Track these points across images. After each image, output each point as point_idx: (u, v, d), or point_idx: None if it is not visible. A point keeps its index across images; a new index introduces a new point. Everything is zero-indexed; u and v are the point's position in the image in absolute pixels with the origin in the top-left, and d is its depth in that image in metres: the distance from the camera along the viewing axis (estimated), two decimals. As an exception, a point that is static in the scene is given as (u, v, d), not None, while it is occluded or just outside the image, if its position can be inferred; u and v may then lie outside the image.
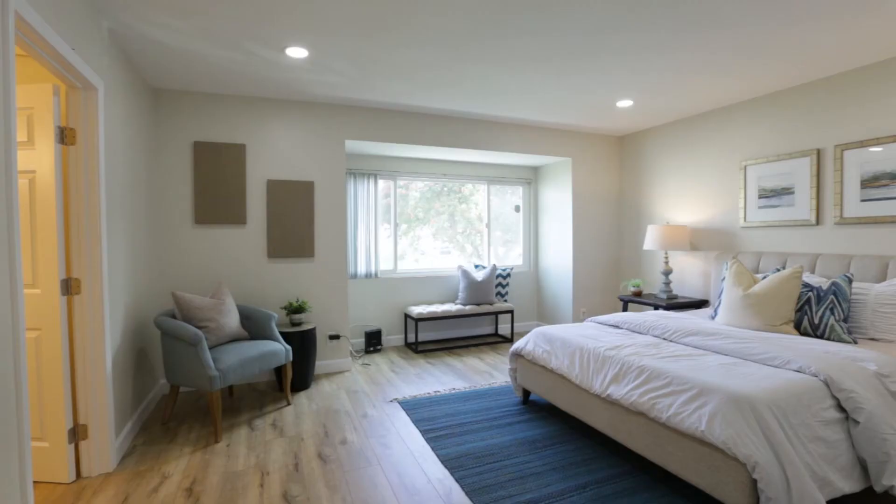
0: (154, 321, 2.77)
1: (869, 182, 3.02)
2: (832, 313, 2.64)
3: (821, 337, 2.65)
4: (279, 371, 3.43)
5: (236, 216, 3.54)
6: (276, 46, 2.70)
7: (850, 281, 2.68)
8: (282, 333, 3.43)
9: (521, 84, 3.37)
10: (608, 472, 2.23)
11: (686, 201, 4.33)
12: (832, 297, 2.67)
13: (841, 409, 1.89)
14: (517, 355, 3.18)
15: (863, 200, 3.04)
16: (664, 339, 2.72)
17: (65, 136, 2.18)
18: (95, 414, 2.27)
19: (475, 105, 3.91)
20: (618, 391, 2.26)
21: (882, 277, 2.82)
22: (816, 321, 2.69)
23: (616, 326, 3.11)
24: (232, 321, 3.03)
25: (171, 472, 2.30)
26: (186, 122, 3.45)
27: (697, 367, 2.12)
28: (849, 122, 3.11)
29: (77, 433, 2.25)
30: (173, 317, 2.91)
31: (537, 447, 2.52)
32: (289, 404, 3.20)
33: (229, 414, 3.05)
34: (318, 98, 3.70)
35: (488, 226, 5.43)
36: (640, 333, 2.87)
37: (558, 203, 5.16)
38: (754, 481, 1.66)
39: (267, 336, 3.20)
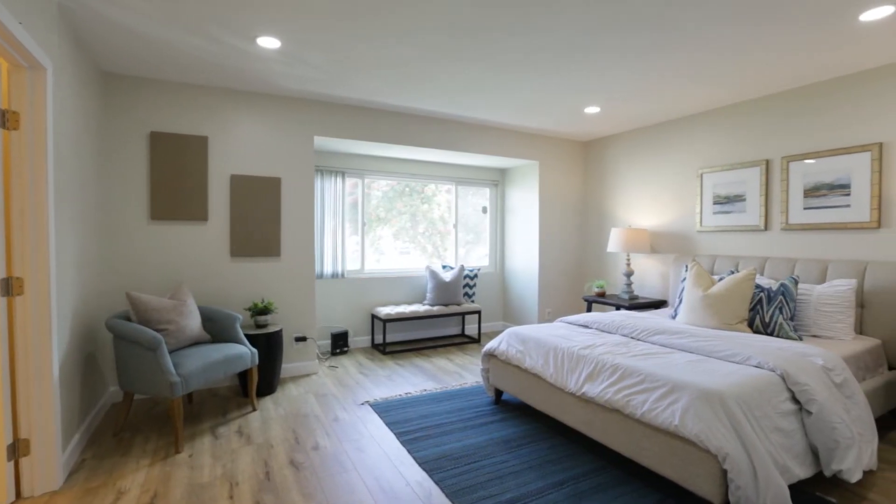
0: (106, 324, 2.56)
1: (810, 192, 3.28)
2: (781, 312, 2.85)
3: (771, 334, 2.86)
4: (243, 375, 3.27)
5: (197, 212, 3.34)
6: (247, 35, 2.57)
7: (796, 282, 2.90)
8: (246, 336, 3.27)
9: (498, 84, 3.39)
10: (583, 469, 2.29)
11: (647, 206, 4.54)
12: (781, 297, 2.88)
13: (795, 401, 2.04)
14: (490, 356, 3.20)
15: (805, 208, 3.31)
16: (632, 338, 2.82)
17: (7, 119, 1.97)
18: (39, 427, 2.07)
19: (448, 105, 3.91)
20: (593, 389, 2.33)
21: (822, 279, 3.08)
22: (767, 320, 2.89)
23: (586, 326, 3.20)
24: (193, 323, 2.86)
25: (128, 487, 2.13)
26: (142, 111, 3.21)
27: (667, 365, 2.21)
28: (793, 136, 3.38)
29: (17, 449, 2.03)
30: (128, 319, 2.71)
31: (513, 446, 2.55)
32: (254, 410, 3.05)
33: (190, 422, 2.87)
34: (287, 92, 3.57)
35: (455, 226, 5.44)
36: (610, 333, 2.97)
37: (525, 205, 5.25)
38: (724, 472, 1.76)
39: (231, 339, 3.04)
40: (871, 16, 2.31)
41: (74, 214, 2.51)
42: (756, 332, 2.93)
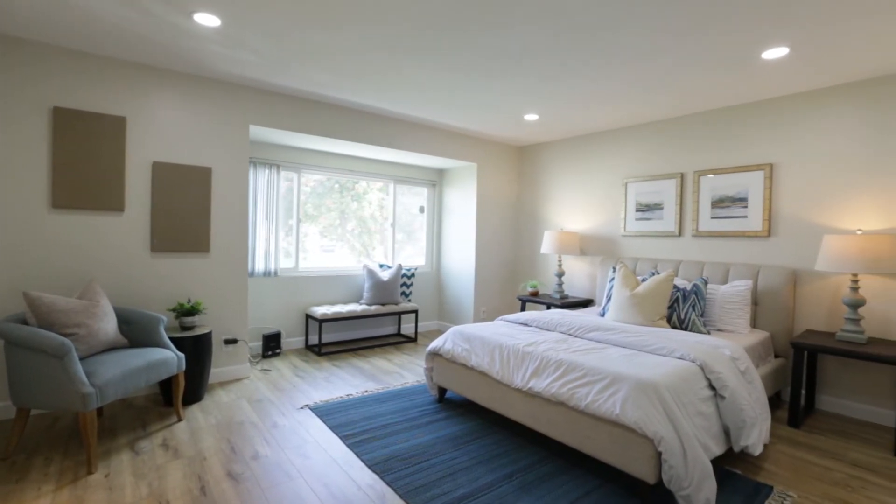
0: (-4, 329, 2.19)
1: (717, 203, 3.73)
2: (694, 310, 3.21)
3: (685, 329, 3.20)
4: (166, 383, 2.97)
5: (111, 201, 2.97)
6: (183, 9, 2.34)
7: (706, 283, 3.28)
8: (171, 339, 2.97)
9: (447, 84, 3.41)
10: (529, 461, 2.40)
11: (577, 210, 4.85)
12: (694, 296, 3.24)
13: (712, 387, 2.31)
14: (435, 355, 3.22)
15: (712, 217, 3.75)
16: (570, 334, 3.01)
17: None
18: None
19: (393, 102, 3.87)
20: (539, 384, 2.45)
21: (725, 280, 3.52)
22: (682, 316, 3.23)
23: (525, 324, 3.35)
24: (108, 326, 2.54)
25: (30, 517, 1.84)
26: (43, 83, 2.78)
27: (606, 359, 2.39)
28: (704, 153, 3.81)
29: None
30: (24, 323, 2.34)
31: (460, 443, 2.59)
32: (180, 420, 2.79)
33: (102, 438, 2.54)
34: (224, 76, 3.30)
35: (393, 225, 5.40)
36: (549, 330, 3.14)
37: (462, 206, 5.35)
38: (659, 454, 1.94)
39: (153, 343, 2.75)
40: (771, 55, 2.69)
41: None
42: (673, 327, 3.26)
